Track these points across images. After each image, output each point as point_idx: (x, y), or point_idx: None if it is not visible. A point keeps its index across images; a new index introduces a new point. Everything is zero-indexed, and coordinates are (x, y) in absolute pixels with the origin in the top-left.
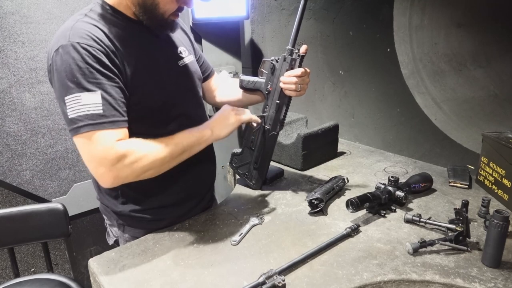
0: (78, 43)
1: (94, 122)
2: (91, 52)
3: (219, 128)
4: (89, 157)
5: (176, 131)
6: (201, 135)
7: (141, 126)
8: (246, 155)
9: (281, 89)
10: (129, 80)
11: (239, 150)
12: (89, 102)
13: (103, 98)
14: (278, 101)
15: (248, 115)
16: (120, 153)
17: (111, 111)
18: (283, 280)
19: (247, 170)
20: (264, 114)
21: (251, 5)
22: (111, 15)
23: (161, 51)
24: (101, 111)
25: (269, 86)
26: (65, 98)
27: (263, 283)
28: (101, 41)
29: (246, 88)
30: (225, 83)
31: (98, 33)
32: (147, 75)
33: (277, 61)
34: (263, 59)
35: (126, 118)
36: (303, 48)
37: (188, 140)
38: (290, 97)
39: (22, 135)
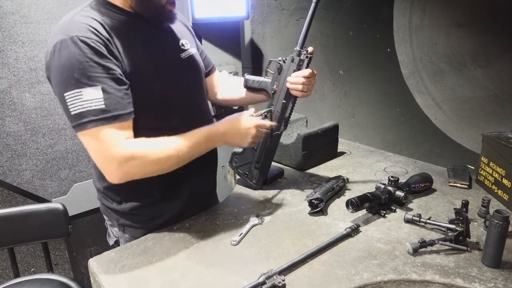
0: (76, 36)
1: (97, 118)
2: (89, 44)
3: (231, 136)
4: (97, 153)
5: (179, 125)
6: (211, 138)
7: (143, 119)
8: (247, 154)
9: (288, 89)
10: (128, 71)
11: (240, 149)
12: (90, 97)
13: (104, 91)
14: (284, 101)
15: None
16: (128, 153)
17: (114, 105)
18: (283, 280)
19: (247, 170)
20: (270, 108)
21: (251, 5)
22: (107, 9)
23: (163, 44)
24: (103, 106)
25: (275, 86)
26: (65, 94)
27: (263, 283)
28: (98, 31)
29: (251, 88)
30: (226, 81)
31: (94, 24)
32: (148, 68)
33: (284, 62)
34: (270, 59)
35: (130, 110)
36: (309, 50)
37: (196, 141)
38: (295, 97)
39: (22, 135)
